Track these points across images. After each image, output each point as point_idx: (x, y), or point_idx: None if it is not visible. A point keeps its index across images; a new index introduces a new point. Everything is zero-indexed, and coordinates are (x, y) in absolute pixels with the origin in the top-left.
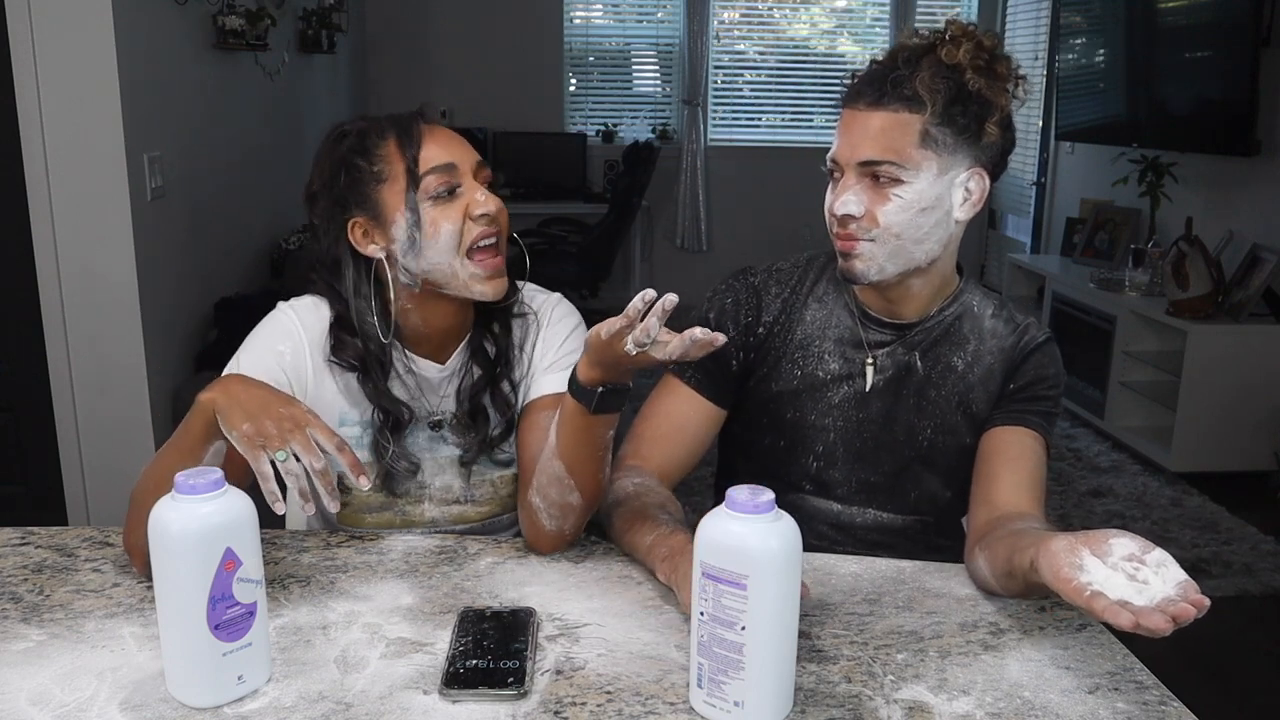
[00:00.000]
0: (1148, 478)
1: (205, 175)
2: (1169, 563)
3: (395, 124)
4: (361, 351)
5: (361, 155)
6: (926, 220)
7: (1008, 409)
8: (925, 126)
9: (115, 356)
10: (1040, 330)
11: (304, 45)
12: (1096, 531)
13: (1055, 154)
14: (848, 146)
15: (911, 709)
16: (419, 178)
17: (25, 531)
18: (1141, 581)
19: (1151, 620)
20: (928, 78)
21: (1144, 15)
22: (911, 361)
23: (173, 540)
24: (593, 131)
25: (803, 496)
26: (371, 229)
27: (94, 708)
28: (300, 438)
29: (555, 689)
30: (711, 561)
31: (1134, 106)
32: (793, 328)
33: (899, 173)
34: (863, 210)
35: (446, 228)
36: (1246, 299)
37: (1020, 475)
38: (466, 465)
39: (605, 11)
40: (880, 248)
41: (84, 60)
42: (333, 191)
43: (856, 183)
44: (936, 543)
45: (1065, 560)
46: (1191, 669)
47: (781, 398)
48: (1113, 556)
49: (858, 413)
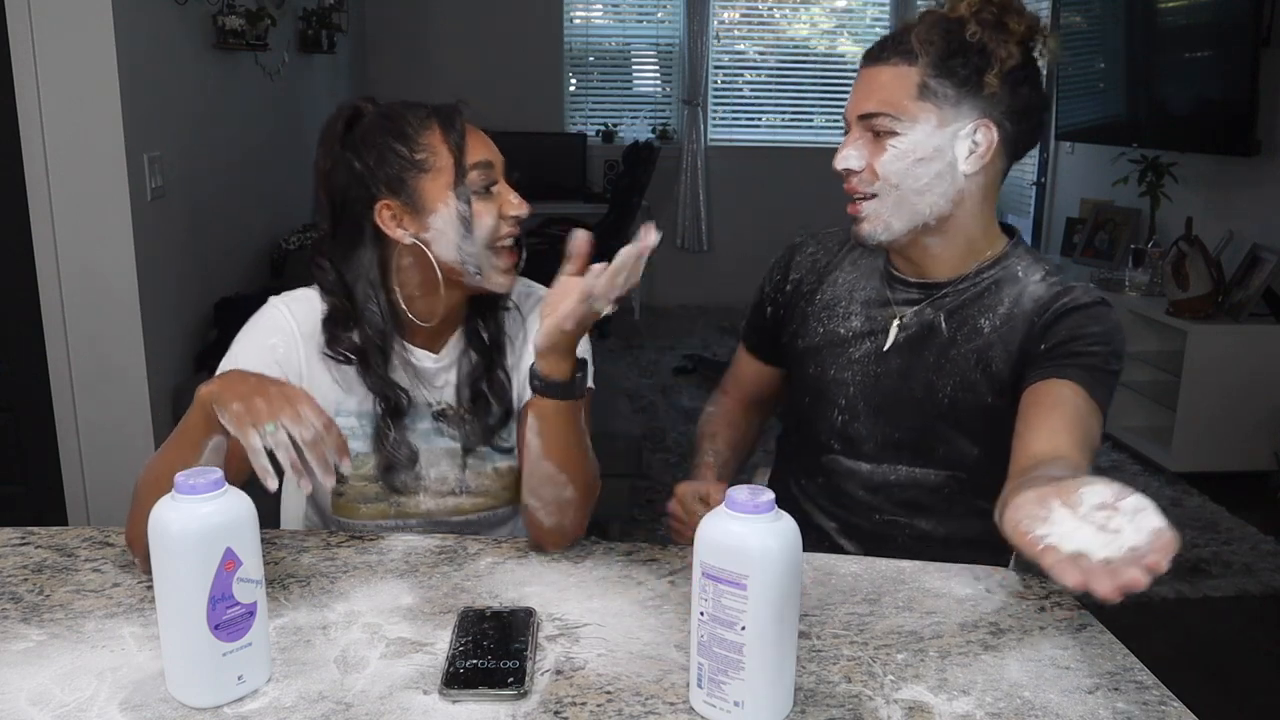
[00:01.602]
0: (1148, 478)
1: (205, 175)
2: (1146, 508)
3: (438, 114)
4: (358, 342)
5: (400, 140)
6: (925, 171)
7: (1043, 365)
8: (922, 79)
9: (115, 356)
10: (1088, 293)
11: (304, 45)
12: (1071, 479)
13: (1055, 154)
14: (853, 103)
15: (911, 709)
16: (466, 170)
17: (25, 531)
18: (1113, 531)
19: (1098, 584)
20: (923, 30)
21: (1144, 15)
22: (936, 321)
23: (173, 540)
24: (593, 131)
25: (833, 458)
26: (403, 214)
27: (94, 708)
28: (289, 411)
29: (555, 689)
30: (711, 561)
31: (1134, 106)
32: (821, 288)
33: (893, 124)
34: (863, 164)
35: (486, 221)
36: (1246, 299)
37: (1056, 422)
38: (469, 452)
39: (605, 11)
40: (882, 203)
41: (84, 60)
42: (358, 171)
43: (859, 137)
44: (976, 505)
45: (1028, 512)
46: (1191, 669)
47: (806, 354)
48: (1084, 506)
49: (875, 368)
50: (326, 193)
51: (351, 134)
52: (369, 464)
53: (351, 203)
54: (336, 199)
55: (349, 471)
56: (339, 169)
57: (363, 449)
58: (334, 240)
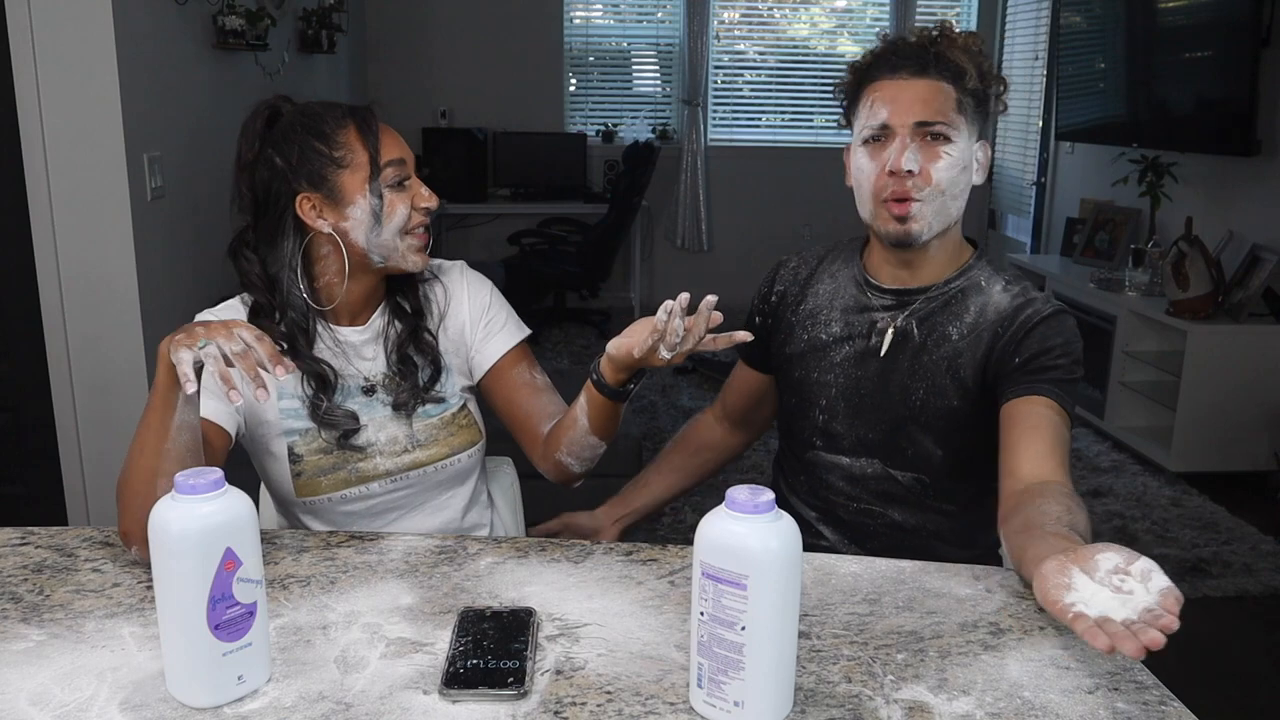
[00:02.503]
0: (1148, 478)
1: (205, 175)
2: (1154, 571)
3: (354, 115)
4: (284, 330)
5: (319, 138)
6: (964, 178)
7: (1019, 381)
8: (960, 95)
9: (115, 356)
10: (1048, 304)
11: (304, 45)
12: (1086, 547)
13: (1055, 154)
14: (901, 110)
15: (911, 709)
16: (380, 167)
17: (25, 531)
18: (1127, 593)
19: (1125, 645)
20: (962, 54)
21: (1144, 15)
22: (909, 328)
23: (173, 540)
24: (593, 131)
25: (815, 453)
26: (323, 206)
27: (94, 708)
28: (222, 331)
29: (555, 689)
30: (711, 561)
31: (1134, 106)
32: (804, 299)
33: (949, 131)
34: (919, 168)
35: (400, 211)
36: (1246, 299)
37: (1040, 444)
38: (401, 409)
39: (605, 11)
40: (929, 205)
41: (84, 60)
42: (278, 166)
43: (912, 141)
44: (939, 506)
45: (1053, 581)
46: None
47: (792, 360)
48: (1100, 571)
49: (856, 370)
50: (249, 186)
51: (272, 131)
52: (317, 439)
53: (274, 196)
54: (259, 192)
55: (284, 376)
56: (261, 164)
57: (308, 425)
58: (257, 231)
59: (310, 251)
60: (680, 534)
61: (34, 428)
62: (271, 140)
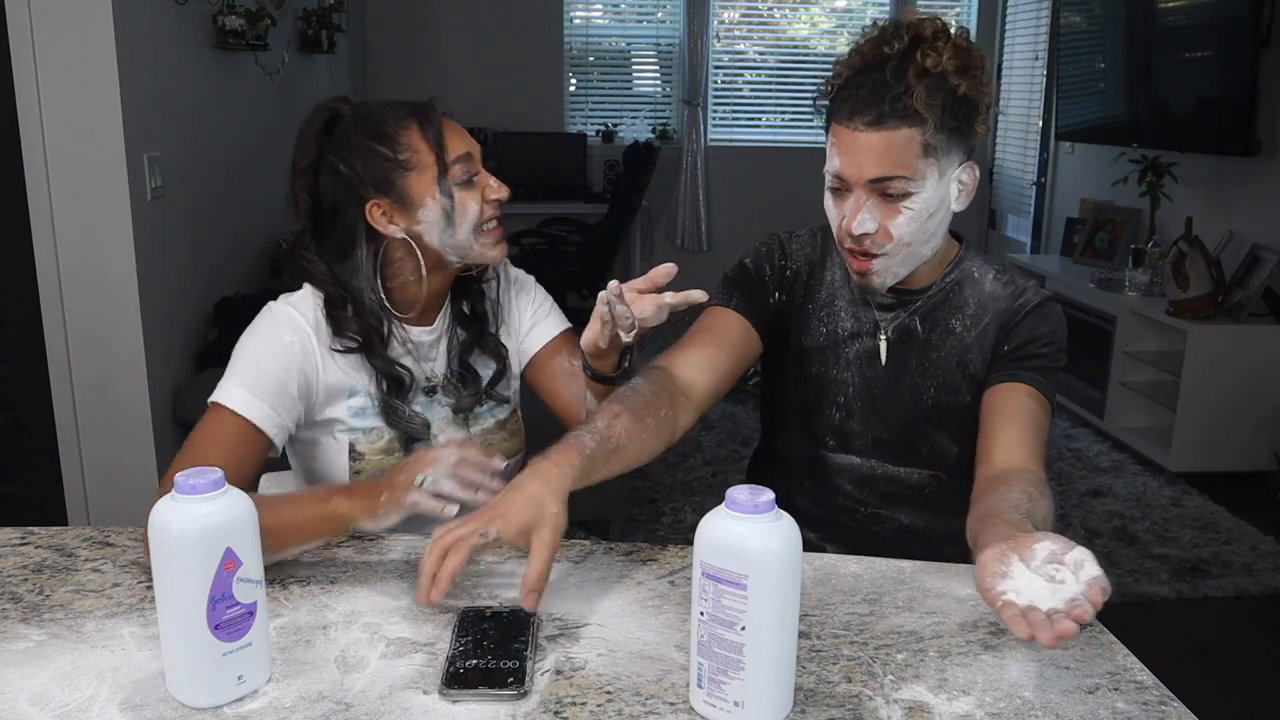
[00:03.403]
0: (1148, 478)
1: (205, 175)
2: (1087, 561)
3: (415, 113)
4: (361, 326)
5: (381, 141)
6: (933, 224)
7: (1004, 368)
8: (925, 139)
9: (115, 356)
10: (1037, 293)
11: (304, 45)
12: (1026, 535)
13: (1055, 154)
14: (854, 165)
15: (911, 709)
16: (448, 165)
17: (25, 531)
18: (1059, 582)
19: (1041, 634)
20: (923, 93)
21: (1144, 15)
22: (913, 325)
23: (173, 540)
24: (593, 131)
25: (826, 454)
26: (393, 211)
27: (94, 708)
28: (421, 465)
29: (555, 689)
30: (711, 561)
31: (1134, 106)
32: (817, 286)
33: (908, 185)
34: (876, 226)
35: (473, 207)
36: (1246, 299)
37: (1016, 432)
38: (460, 413)
39: (605, 11)
40: (891, 259)
41: (84, 60)
42: (343, 174)
43: (868, 199)
44: (954, 503)
45: (991, 569)
46: (1191, 669)
47: (809, 353)
48: (1036, 560)
49: (867, 370)
50: (308, 192)
51: (331, 136)
52: (382, 440)
53: (342, 205)
54: (325, 201)
55: (501, 467)
56: (324, 171)
57: (374, 424)
58: (323, 238)
59: (384, 255)
60: (680, 534)
61: (34, 427)
62: (332, 146)
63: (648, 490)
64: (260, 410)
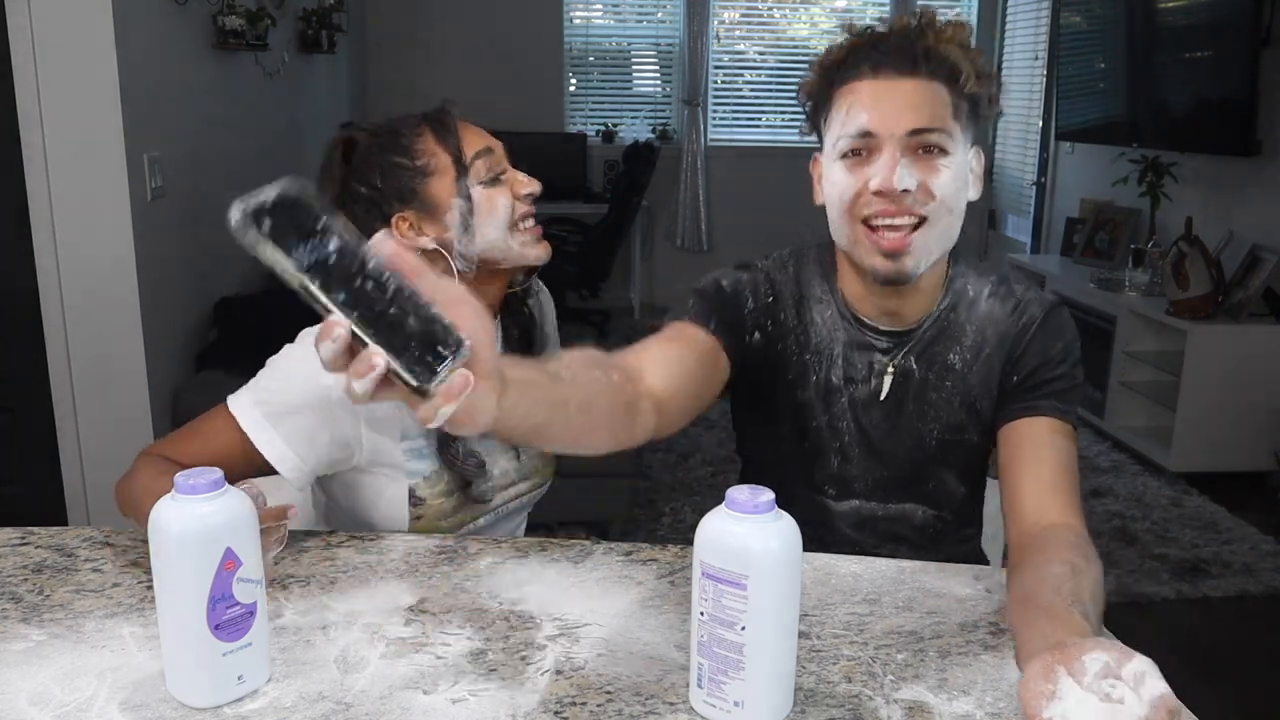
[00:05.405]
0: (1148, 478)
1: (205, 175)
2: (1148, 675)
3: (427, 120)
4: None
5: (400, 153)
6: (964, 194)
7: (1018, 399)
8: (955, 99)
9: (115, 356)
10: (1040, 305)
11: (304, 45)
12: (1074, 645)
13: (1055, 154)
14: (889, 116)
15: (911, 709)
16: (467, 165)
17: (25, 531)
18: (1117, 700)
19: None
20: (957, 50)
21: (1144, 15)
22: (908, 365)
23: (173, 540)
24: (593, 131)
25: (823, 500)
26: (420, 221)
27: (94, 708)
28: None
29: (555, 689)
30: (711, 561)
31: (1134, 106)
32: (807, 329)
33: (946, 141)
34: (917, 182)
35: (502, 204)
36: (1246, 299)
37: (1044, 477)
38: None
39: (605, 11)
40: (930, 230)
41: (84, 60)
42: (368, 196)
43: (905, 155)
44: (959, 533)
45: (1037, 689)
46: (1191, 669)
47: (806, 406)
48: (1088, 675)
49: (863, 417)
50: None
51: (350, 163)
52: (441, 482)
53: (369, 227)
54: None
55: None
56: (349, 199)
57: (432, 466)
58: None
59: None
60: (680, 534)
61: (34, 428)
62: (353, 173)
63: (648, 490)
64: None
